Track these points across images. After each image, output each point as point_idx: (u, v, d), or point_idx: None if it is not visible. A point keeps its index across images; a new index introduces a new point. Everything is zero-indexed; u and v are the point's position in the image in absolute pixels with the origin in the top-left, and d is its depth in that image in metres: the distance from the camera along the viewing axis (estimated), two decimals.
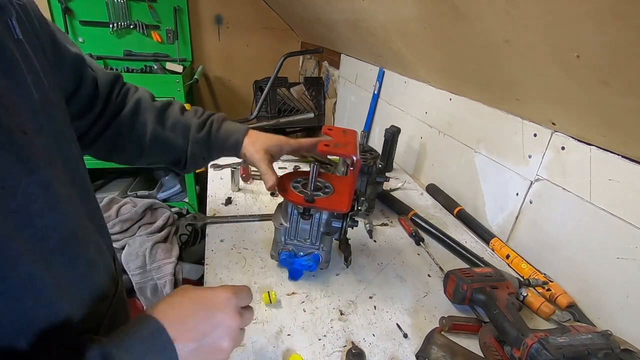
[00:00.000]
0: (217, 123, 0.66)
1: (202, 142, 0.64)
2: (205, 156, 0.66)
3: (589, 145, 0.67)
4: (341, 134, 0.67)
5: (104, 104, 0.58)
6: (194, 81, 2.46)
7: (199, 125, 0.64)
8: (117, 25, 2.43)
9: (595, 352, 0.47)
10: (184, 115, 0.65)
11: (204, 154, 0.65)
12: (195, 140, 0.64)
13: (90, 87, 0.54)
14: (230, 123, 0.68)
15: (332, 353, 0.56)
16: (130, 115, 0.60)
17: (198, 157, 0.65)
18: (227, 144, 0.65)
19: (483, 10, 0.67)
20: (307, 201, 0.62)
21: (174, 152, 0.64)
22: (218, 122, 0.66)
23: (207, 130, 0.64)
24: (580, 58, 0.54)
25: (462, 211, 0.98)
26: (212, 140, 0.65)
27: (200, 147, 0.64)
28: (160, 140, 0.62)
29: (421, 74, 1.21)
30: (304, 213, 0.65)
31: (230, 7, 2.66)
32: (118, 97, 0.61)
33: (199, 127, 0.64)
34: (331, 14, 1.59)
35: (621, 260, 0.61)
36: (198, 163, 0.66)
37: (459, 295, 0.64)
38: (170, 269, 1.28)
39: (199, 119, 0.65)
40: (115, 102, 0.60)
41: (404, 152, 1.33)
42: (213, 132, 0.65)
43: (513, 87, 0.78)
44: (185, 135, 0.64)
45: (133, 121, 0.61)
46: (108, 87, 0.59)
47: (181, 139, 0.63)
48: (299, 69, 2.96)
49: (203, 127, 0.64)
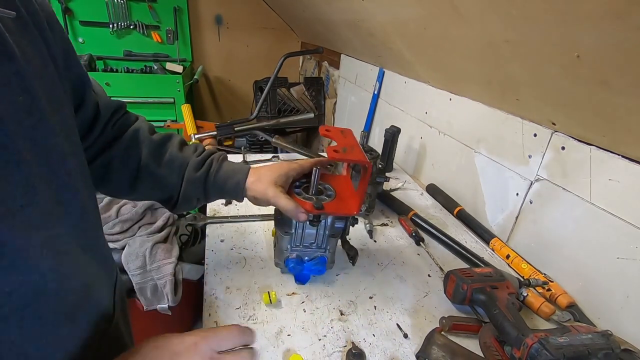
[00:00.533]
0: (217, 162, 0.61)
1: (199, 182, 0.59)
2: (200, 197, 0.61)
3: (589, 145, 0.67)
4: (340, 135, 0.66)
5: (101, 131, 0.54)
6: (194, 81, 2.46)
7: (197, 164, 0.60)
8: (117, 25, 2.43)
9: (595, 352, 0.47)
10: (182, 152, 0.60)
11: (199, 194, 0.61)
12: (191, 180, 0.59)
13: (91, 110, 0.51)
14: (230, 163, 0.63)
15: (332, 353, 0.56)
16: (125, 147, 0.56)
17: (192, 197, 0.61)
18: (226, 185, 0.60)
19: (483, 10, 0.67)
20: (316, 208, 0.60)
21: (166, 190, 0.60)
22: (218, 162, 0.61)
23: (205, 169, 0.60)
24: (580, 58, 0.54)
25: (462, 211, 0.98)
26: (210, 181, 0.60)
27: (196, 188, 0.59)
28: (152, 176, 0.58)
29: (421, 74, 1.21)
30: (314, 220, 0.62)
31: (230, 7, 2.67)
32: (115, 126, 0.57)
33: (197, 165, 0.59)
34: (331, 14, 1.59)
35: (621, 260, 0.61)
36: (191, 203, 0.61)
37: (459, 295, 0.64)
38: (170, 269, 1.28)
39: (198, 156, 0.61)
40: (111, 130, 0.56)
41: (404, 152, 1.33)
42: (212, 173, 0.60)
43: (513, 87, 0.78)
44: (180, 173, 0.59)
45: (126, 153, 0.56)
46: (108, 114, 0.55)
47: (175, 177, 0.59)
48: (299, 69, 2.96)
49: (201, 166, 0.60)
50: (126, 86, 2.04)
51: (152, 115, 2.13)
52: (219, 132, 1.49)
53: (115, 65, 2.35)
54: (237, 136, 1.56)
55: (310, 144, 2.63)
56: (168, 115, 2.14)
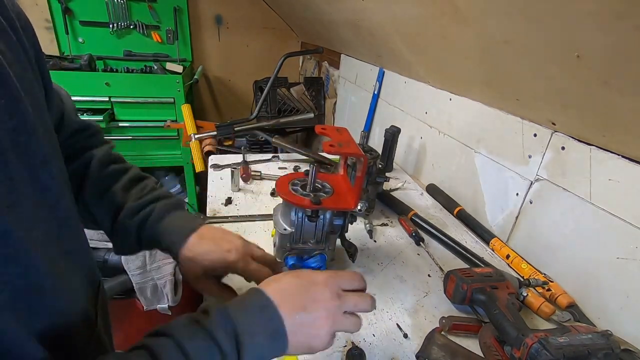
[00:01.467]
0: (159, 211, 0.52)
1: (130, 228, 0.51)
2: (133, 245, 0.53)
3: (589, 145, 0.67)
4: (336, 132, 0.67)
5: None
6: (194, 81, 2.46)
7: (134, 209, 0.52)
8: (117, 25, 2.43)
9: (595, 352, 0.47)
10: (126, 192, 0.53)
11: (130, 242, 0.53)
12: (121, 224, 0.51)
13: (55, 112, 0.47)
14: (178, 217, 0.53)
15: (332, 353, 0.56)
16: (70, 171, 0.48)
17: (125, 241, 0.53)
18: (162, 241, 0.52)
19: (483, 10, 0.67)
20: (314, 203, 0.61)
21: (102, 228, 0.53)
22: (162, 211, 0.53)
23: (141, 217, 0.52)
24: (580, 58, 0.54)
25: (462, 211, 0.98)
26: (145, 230, 0.52)
27: (126, 234, 0.52)
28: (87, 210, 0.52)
29: (421, 74, 1.21)
30: (312, 215, 0.64)
31: (230, 7, 2.67)
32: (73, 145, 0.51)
33: (133, 210, 0.52)
34: (331, 14, 1.59)
35: (621, 260, 0.61)
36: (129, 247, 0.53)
37: (459, 295, 0.64)
38: (170, 269, 1.28)
39: (138, 199, 0.53)
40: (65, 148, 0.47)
41: (404, 152, 1.33)
42: (150, 222, 0.52)
43: (513, 87, 0.78)
44: (111, 216, 0.52)
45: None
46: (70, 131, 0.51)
47: (107, 219, 0.52)
48: (299, 69, 2.96)
49: (137, 212, 0.52)
50: (126, 86, 2.03)
51: (152, 115, 2.13)
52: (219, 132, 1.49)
53: (115, 65, 2.35)
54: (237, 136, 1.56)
55: (310, 143, 2.63)
56: (168, 115, 2.14)
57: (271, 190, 1.04)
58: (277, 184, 0.66)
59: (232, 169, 1.01)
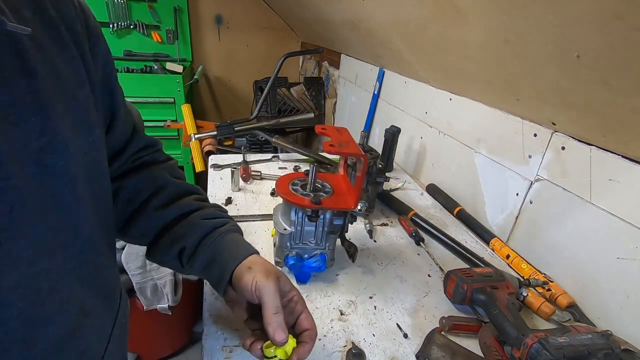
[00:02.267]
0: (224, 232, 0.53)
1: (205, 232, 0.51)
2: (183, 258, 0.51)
3: (589, 145, 0.67)
4: (336, 132, 0.67)
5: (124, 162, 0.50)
6: (194, 81, 2.46)
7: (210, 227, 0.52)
8: (117, 25, 2.43)
9: (595, 352, 0.47)
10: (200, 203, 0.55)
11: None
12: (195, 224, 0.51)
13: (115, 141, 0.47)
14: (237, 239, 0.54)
15: (332, 353, 0.56)
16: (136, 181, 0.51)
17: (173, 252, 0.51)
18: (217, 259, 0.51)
19: (483, 10, 0.67)
20: (314, 203, 0.61)
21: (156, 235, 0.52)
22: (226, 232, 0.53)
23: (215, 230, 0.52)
24: (580, 58, 0.54)
25: (462, 211, 0.98)
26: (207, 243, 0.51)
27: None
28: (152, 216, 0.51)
29: (421, 74, 1.21)
30: (312, 215, 0.64)
31: (230, 7, 2.67)
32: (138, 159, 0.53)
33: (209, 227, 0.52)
34: (331, 14, 1.59)
35: (621, 260, 0.61)
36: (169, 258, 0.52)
37: (459, 295, 0.64)
38: (170, 269, 1.28)
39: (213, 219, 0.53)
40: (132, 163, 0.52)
41: (404, 152, 1.33)
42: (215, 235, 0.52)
43: (513, 87, 0.78)
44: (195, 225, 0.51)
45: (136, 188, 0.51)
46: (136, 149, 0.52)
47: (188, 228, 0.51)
48: (299, 69, 2.96)
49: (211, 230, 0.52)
50: (126, 86, 2.04)
51: (152, 115, 2.13)
52: (219, 132, 1.49)
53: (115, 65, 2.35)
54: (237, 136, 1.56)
55: (310, 143, 2.63)
56: (168, 115, 2.14)
57: (271, 190, 1.04)
58: (277, 184, 0.67)
59: (232, 169, 1.01)
